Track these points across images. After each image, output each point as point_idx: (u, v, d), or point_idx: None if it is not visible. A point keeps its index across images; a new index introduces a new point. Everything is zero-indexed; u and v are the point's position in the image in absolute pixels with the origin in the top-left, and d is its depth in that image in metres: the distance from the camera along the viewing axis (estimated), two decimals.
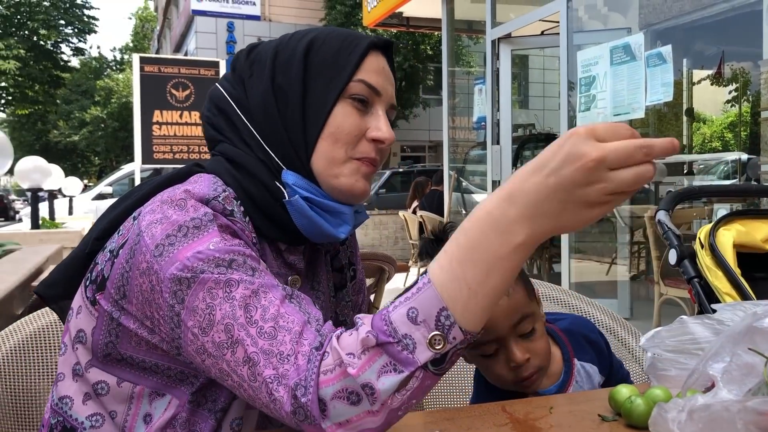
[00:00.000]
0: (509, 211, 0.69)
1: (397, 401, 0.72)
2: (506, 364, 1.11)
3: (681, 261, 1.66)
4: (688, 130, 8.02)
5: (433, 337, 0.71)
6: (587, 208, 0.68)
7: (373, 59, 0.96)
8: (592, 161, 0.65)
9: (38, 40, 30.22)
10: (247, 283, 0.80)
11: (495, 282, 0.71)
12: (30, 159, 5.91)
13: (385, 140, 0.94)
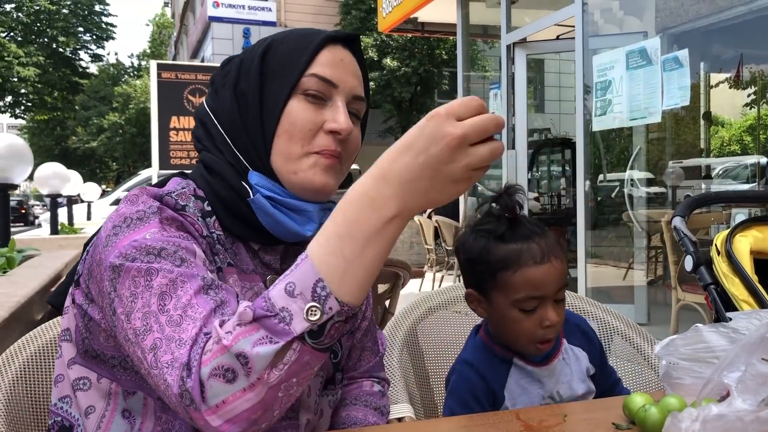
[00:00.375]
0: (384, 190, 0.73)
1: (275, 376, 0.72)
2: (539, 322, 1.16)
3: (697, 268, 1.66)
4: (706, 133, 7.95)
5: (309, 308, 0.72)
6: (453, 183, 0.73)
7: (328, 53, 0.97)
8: (455, 139, 0.71)
9: (57, 47, 30.60)
10: (166, 272, 0.81)
11: (371, 255, 0.74)
12: (49, 165, 5.98)
13: (342, 131, 0.94)
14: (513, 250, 1.15)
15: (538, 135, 9.43)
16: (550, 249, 1.16)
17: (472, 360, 1.23)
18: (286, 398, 0.75)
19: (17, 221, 25.13)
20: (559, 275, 1.17)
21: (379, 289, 3.02)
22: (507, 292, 1.17)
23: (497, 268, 1.16)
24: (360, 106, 1.00)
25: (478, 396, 1.19)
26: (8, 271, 3.03)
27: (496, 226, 1.17)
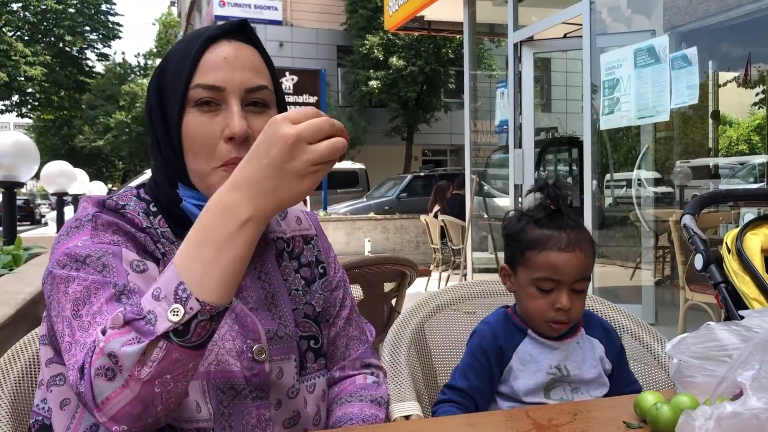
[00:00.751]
0: (235, 196, 0.79)
1: (145, 373, 0.77)
2: (552, 303, 1.27)
3: (707, 266, 1.64)
4: (714, 132, 7.90)
5: (172, 309, 0.77)
6: (299, 179, 0.78)
7: (211, 55, 0.98)
8: (291, 137, 0.77)
9: (64, 46, 30.69)
10: (81, 280, 0.89)
11: (228, 257, 0.79)
12: (56, 163, 6.00)
13: (236, 135, 0.96)
14: (543, 234, 1.29)
15: (545, 134, 9.40)
16: (577, 241, 1.27)
17: (490, 321, 1.37)
18: (165, 394, 0.80)
19: (24, 220, 25.24)
20: (579, 266, 1.27)
21: (385, 288, 3.01)
22: (530, 270, 1.30)
23: (526, 247, 1.30)
24: (262, 94, 1.00)
25: (486, 351, 1.31)
26: (15, 268, 3.04)
27: (538, 212, 1.31)
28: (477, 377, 1.31)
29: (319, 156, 0.78)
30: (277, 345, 1.03)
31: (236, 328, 0.99)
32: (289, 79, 9.50)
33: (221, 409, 0.96)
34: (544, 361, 1.30)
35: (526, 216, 1.33)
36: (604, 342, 1.36)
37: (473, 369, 1.31)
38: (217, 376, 0.96)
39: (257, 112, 1.00)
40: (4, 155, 3.54)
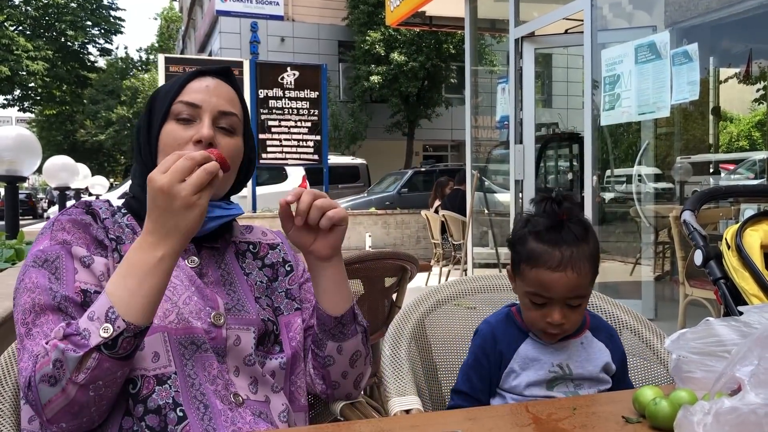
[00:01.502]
0: (150, 239, 0.99)
1: (82, 378, 0.95)
2: (544, 317, 1.27)
3: (707, 262, 1.65)
4: (715, 128, 7.91)
5: (103, 327, 0.96)
6: (189, 210, 0.97)
7: (196, 83, 1.20)
8: (164, 186, 0.96)
9: (66, 41, 30.61)
10: (29, 291, 1.06)
11: (148, 286, 0.98)
12: (58, 158, 6.01)
13: (203, 138, 1.14)
14: (538, 250, 1.26)
15: (546, 130, 9.40)
16: (572, 260, 1.24)
17: (492, 321, 1.38)
18: (97, 397, 0.98)
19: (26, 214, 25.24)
20: (570, 285, 1.24)
21: (386, 283, 3.02)
22: (524, 282, 1.30)
23: (522, 259, 1.29)
24: (231, 120, 1.20)
25: (487, 353, 1.32)
26: (17, 262, 3.05)
27: (541, 222, 1.28)
28: (480, 379, 1.31)
29: (192, 187, 0.96)
30: (235, 316, 1.18)
31: (195, 298, 1.15)
32: (290, 75, 9.48)
33: (184, 361, 1.10)
34: (546, 359, 1.30)
35: (530, 223, 1.30)
36: (610, 348, 1.35)
37: (476, 371, 1.32)
38: (179, 332, 1.10)
39: (225, 134, 1.19)
40: (6, 150, 3.55)
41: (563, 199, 1.28)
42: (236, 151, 1.21)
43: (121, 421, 1.06)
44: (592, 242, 1.29)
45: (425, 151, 26.40)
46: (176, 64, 9.29)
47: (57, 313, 1.04)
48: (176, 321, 1.11)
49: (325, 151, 9.76)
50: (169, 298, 1.12)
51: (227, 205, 1.22)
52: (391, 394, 1.34)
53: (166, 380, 1.07)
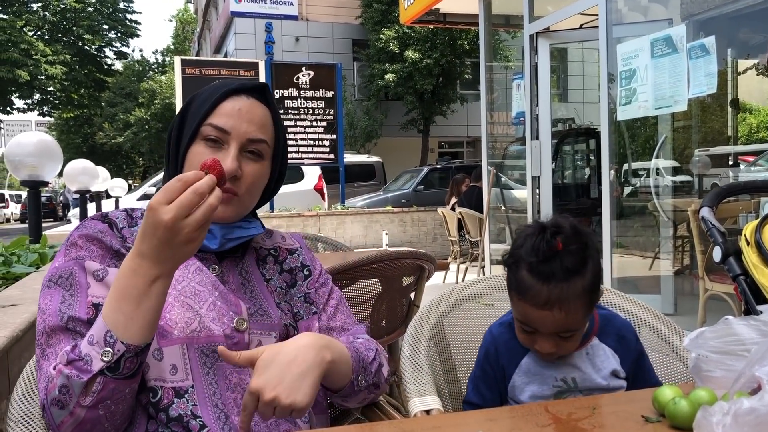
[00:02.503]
0: (142, 263, 0.98)
1: (89, 401, 0.98)
2: (533, 342, 1.24)
3: (726, 258, 1.64)
4: (734, 121, 7.82)
5: (103, 351, 0.97)
6: (187, 244, 0.96)
7: (228, 104, 1.18)
8: (169, 222, 0.93)
9: (83, 45, 30.89)
10: (41, 312, 1.08)
11: (145, 308, 0.98)
12: (78, 162, 6.07)
13: (227, 173, 1.12)
14: (526, 282, 1.20)
15: (562, 125, 9.35)
16: (559, 298, 1.17)
17: (496, 334, 1.34)
18: (108, 414, 1.00)
19: (47, 217, 25.55)
20: (557, 324, 1.19)
21: (404, 282, 3.03)
22: (513, 306, 1.27)
23: (512, 285, 1.25)
24: (260, 146, 1.19)
25: (492, 365, 1.31)
26: (41, 266, 3.10)
27: (534, 250, 1.20)
28: (489, 390, 1.30)
29: (196, 224, 0.95)
30: (257, 321, 1.19)
31: (218, 304, 1.15)
32: (305, 75, 9.52)
33: (205, 369, 1.11)
34: (549, 373, 1.26)
35: (525, 249, 1.22)
36: (619, 352, 1.30)
37: (484, 382, 1.31)
38: (200, 341, 1.11)
39: (251, 159, 1.19)
40: (28, 155, 3.60)
41: (559, 230, 1.20)
42: (260, 177, 1.21)
43: (147, 425, 1.08)
44: (589, 273, 1.20)
45: (441, 148, 26.37)
46: (192, 66, 9.35)
47: (66, 333, 1.06)
48: (198, 329, 1.12)
49: (340, 150, 9.79)
50: (191, 307, 1.13)
51: (247, 225, 1.23)
52: (411, 395, 1.36)
53: (183, 394, 1.09)
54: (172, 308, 1.12)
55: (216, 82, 1.25)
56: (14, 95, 28.50)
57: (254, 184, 1.20)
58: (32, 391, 1.20)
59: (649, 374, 1.36)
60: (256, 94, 1.21)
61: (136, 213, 1.24)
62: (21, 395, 1.19)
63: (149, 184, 13.00)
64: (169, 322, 1.11)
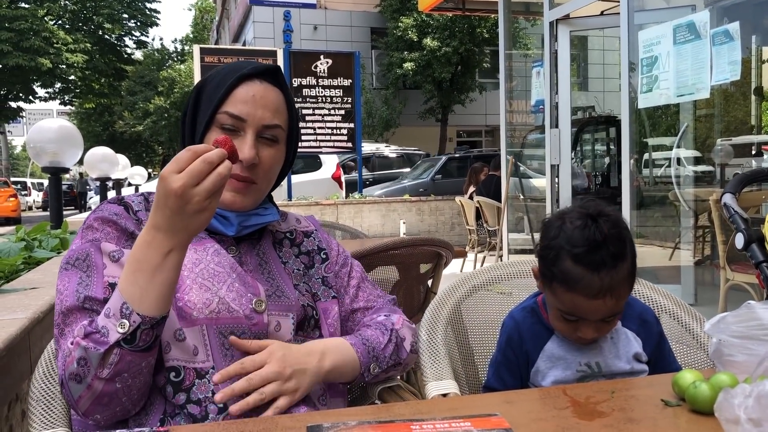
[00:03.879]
0: (156, 234, 0.99)
1: (106, 373, 0.99)
2: (575, 330, 1.22)
3: (749, 245, 1.62)
4: (757, 109, 7.70)
5: (120, 323, 0.98)
6: (198, 214, 0.97)
7: (242, 90, 1.17)
8: (178, 189, 0.94)
9: (103, 34, 31.06)
10: (59, 293, 1.10)
11: (159, 280, 1.00)
12: (98, 149, 6.13)
13: (245, 160, 1.15)
14: (575, 274, 1.17)
15: (582, 113, 9.28)
16: (610, 286, 1.15)
17: (518, 319, 1.33)
18: (125, 388, 1.02)
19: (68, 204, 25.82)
20: (608, 310, 1.18)
21: (421, 269, 3.03)
22: (556, 299, 1.23)
23: (556, 278, 1.20)
24: (275, 131, 1.20)
25: (515, 350, 1.29)
26: (62, 251, 3.14)
27: (578, 240, 1.17)
28: (512, 376, 1.29)
29: (206, 193, 0.96)
30: (275, 302, 1.19)
31: (236, 285, 1.16)
32: (323, 63, 9.50)
33: (224, 351, 1.11)
34: (572, 358, 1.26)
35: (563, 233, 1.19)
36: (642, 335, 1.30)
37: (507, 368, 1.30)
38: (220, 322, 1.12)
39: (267, 144, 1.20)
40: (49, 142, 3.64)
41: (606, 216, 1.18)
42: (276, 161, 1.22)
43: (165, 407, 1.09)
44: (629, 255, 1.19)
45: (459, 137, 26.27)
46: (211, 55, 9.38)
47: (83, 312, 1.07)
48: (217, 310, 1.12)
49: (358, 139, 9.78)
50: (209, 288, 1.14)
51: (264, 211, 1.25)
52: (428, 379, 1.36)
53: (204, 375, 1.09)
54: (191, 290, 1.13)
55: (227, 63, 1.25)
56: (36, 84, 28.77)
57: (271, 169, 1.21)
58: (53, 370, 1.21)
59: (669, 357, 1.35)
60: (269, 78, 1.21)
61: (152, 196, 1.24)
62: (42, 374, 1.20)
63: None
64: (188, 304, 1.11)
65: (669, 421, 0.90)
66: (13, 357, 1.55)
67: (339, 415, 0.96)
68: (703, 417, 0.90)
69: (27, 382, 1.67)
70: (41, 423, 1.15)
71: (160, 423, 1.07)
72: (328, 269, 1.33)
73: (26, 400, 1.19)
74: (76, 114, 38.67)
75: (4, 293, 2.06)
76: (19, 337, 1.57)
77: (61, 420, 1.16)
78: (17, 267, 2.69)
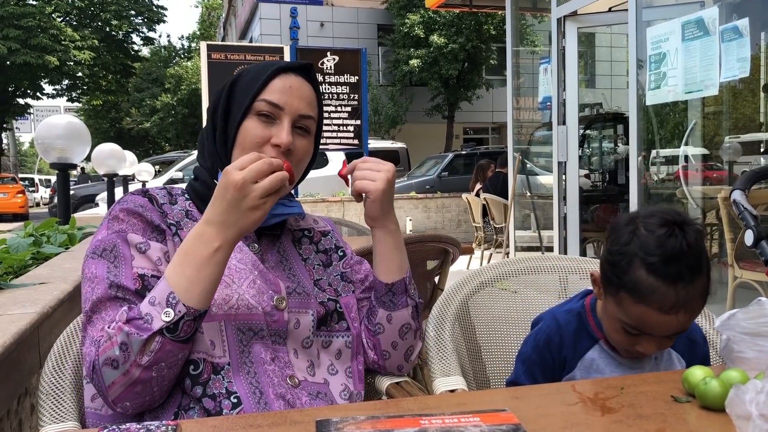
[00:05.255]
0: (208, 229, 1.04)
1: (146, 360, 1.01)
2: (635, 343, 1.16)
3: (758, 242, 1.61)
4: (766, 106, 7.65)
5: (165, 311, 1.01)
6: (252, 211, 1.02)
7: (279, 81, 1.21)
8: (239, 182, 1.00)
9: (110, 30, 31.09)
10: (88, 281, 1.11)
11: (206, 274, 1.03)
12: (106, 146, 6.14)
13: (282, 144, 1.17)
14: (648, 285, 1.09)
15: (590, 110, 9.24)
16: (685, 301, 1.08)
17: (563, 322, 1.27)
18: (160, 378, 1.03)
19: None
20: (678, 327, 1.11)
21: (428, 266, 3.03)
22: (620, 309, 1.14)
23: (624, 286, 1.12)
24: (308, 122, 1.23)
25: (553, 354, 1.25)
26: (70, 247, 3.15)
27: (655, 248, 1.10)
28: (544, 376, 1.25)
29: (263, 190, 1.01)
30: (295, 299, 1.21)
31: (258, 282, 1.18)
32: (330, 59, 9.50)
33: (240, 347, 1.13)
34: (610, 373, 1.21)
35: (637, 239, 1.12)
36: (687, 356, 1.25)
37: (541, 368, 1.25)
38: (238, 318, 1.13)
39: (300, 135, 1.22)
40: (57, 138, 3.65)
41: (688, 225, 1.10)
42: (308, 153, 1.25)
43: (181, 400, 1.10)
44: (706, 270, 1.11)
45: (466, 134, 26.23)
46: (218, 51, 9.38)
47: (114, 301, 1.08)
48: (236, 307, 1.14)
49: (365, 136, 9.77)
50: (229, 284, 1.15)
51: (289, 203, 1.28)
52: (436, 375, 1.36)
53: (219, 370, 1.10)
54: None
55: (260, 62, 1.29)
56: (44, 81, 28.86)
57: (303, 159, 1.24)
58: (63, 365, 1.22)
59: None
60: (303, 73, 1.25)
61: (175, 190, 1.27)
62: (52, 368, 1.21)
63: (175, 169, 13.12)
64: None
65: (678, 417, 0.90)
66: (22, 351, 1.56)
67: (348, 409, 0.97)
68: (713, 413, 0.90)
69: (36, 377, 1.68)
70: (51, 417, 1.16)
71: (174, 416, 1.08)
72: (346, 265, 1.36)
73: (35, 394, 1.19)
74: (84, 111, 38.75)
75: (13, 288, 2.07)
76: (28, 331, 1.58)
77: (70, 414, 1.17)
78: (26, 262, 2.70)
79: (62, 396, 1.19)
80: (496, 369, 1.53)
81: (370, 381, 1.36)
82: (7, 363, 1.45)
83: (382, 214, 1.24)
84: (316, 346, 1.22)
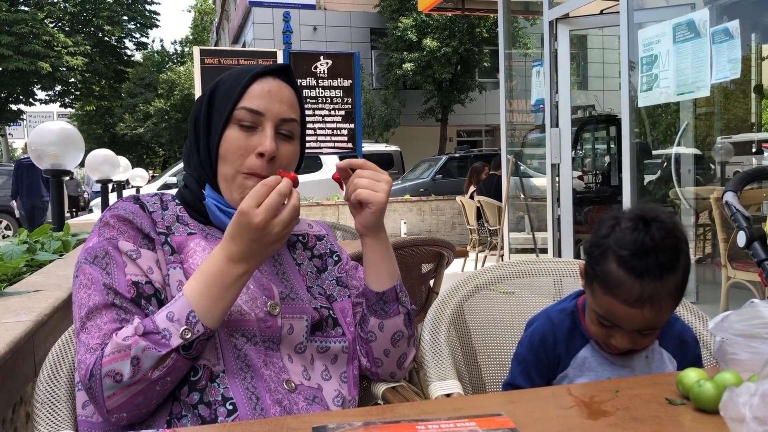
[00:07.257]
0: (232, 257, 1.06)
1: (156, 375, 1.01)
2: (609, 337, 1.19)
3: (751, 243, 1.62)
4: (757, 107, 7.70)
5: (183, 329, 1.03)
6: (273, 243, 1.06)
7: (258, 86, 1.19)
8: (261, 224, 1.02)
9: (103, 36, 31.02)
10: (83, 286, 1.10)
11: (230, 296, 1.07)
12: (100, 151, 6.12)
13: (266, 152, 1.16)
14: (616, 277, 1.12)
15: (582, 112, 9.26)
16: (652, 296, 1.11)
17: (556, 321, 1.29)
18: (161, 391, 1.05)
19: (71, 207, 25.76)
20: (644, 322, 1.14)
21: (423, 269, 3.03)
22: (594, 299, 1.20)
23: (597, 277, 1.17)
24: (291, 126, 1.22)
25: (548, 353, 1.26)
26: (64, 254, 3.14)
27: (627, 243, 1.13)
28: (540, 376, 1.27)
29: (283, 224, 1.04)
30: (288, 305, 1.21)
31: (252, 287, 1.18)
32: (323, 63, 9.50)
33: (235, 352, 1.13)
34: (602, 372, 1.23)
35: (614, 234, 1.15)
36: (678, 357, 1.27)
37: (536, 368, 1.27)
38: (231, 325, 1.13)
39: (284, 140, 1.21)
40: (51, 144, 3.64)
41: (660, 223, 1.13)
42: (294, 157, 1.24)
43: (172, 408, 1.09)
44: (681, 270, 1.14)
45: (459, 136, 26.26)
46: (211, 56, 9.37)
47: (110, 308, 1.08)
48: (229, 313, 1.13)
49: (359, 139, 9.77)
50: None
51: None
52: (431, 379, 1.36)
53: (215, 378, 1.10)
54: None
55: (237, 66, 1.29)
56: (36, 87, 28.75)
57: (289, 165, 1.23)
58: (58, 373, 1.22)
59: None
60: (282, 76, 1.24)
61: (166, 196, 1.26)
62: (47, 377, 1.21)
63: (169, 174, 13.09)
64: None
65: (673, 419, 0.90)
66: (17, 360, 1.56)
67: (344, 415, 0.97)
68: (707, 415, 0.90)
69: (31, 385, 1.67)
70: (47, 425, 1.15)
71: (167, 424, 1.07)
72: (341, 270, 1.35)
73: (31, 403, 1.19)
74: (77, 116, 38.62)
75: (7, 296, 2.07)
76: (23, 340, 1.58)
77: (66, 422, 1.17)
78: (20, 270, 2.69)
79: (58, 404, 1.18)
80: (491, 372, 1.54)
81: (366, 385, 1.36)
82: (1, 372, 1.44)
83: (377, 223, 1.23)
84: (310, 351, 1.22)
